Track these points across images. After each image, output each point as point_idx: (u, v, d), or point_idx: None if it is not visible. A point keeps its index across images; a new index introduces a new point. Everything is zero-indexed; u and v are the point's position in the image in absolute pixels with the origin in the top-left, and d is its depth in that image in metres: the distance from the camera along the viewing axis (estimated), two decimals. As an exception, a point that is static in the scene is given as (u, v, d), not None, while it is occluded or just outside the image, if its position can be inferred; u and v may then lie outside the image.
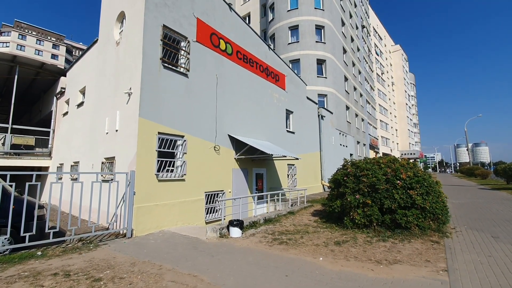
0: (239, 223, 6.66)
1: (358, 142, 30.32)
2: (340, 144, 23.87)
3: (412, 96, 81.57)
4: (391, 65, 66.63)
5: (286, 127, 15.27)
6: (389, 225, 6.52)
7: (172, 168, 8.16)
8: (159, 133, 7.68)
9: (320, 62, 23.39)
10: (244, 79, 11.72)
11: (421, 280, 3.90)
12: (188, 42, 8.99)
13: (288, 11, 23.74)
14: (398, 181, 6.58)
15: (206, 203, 9.04)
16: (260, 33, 28.87)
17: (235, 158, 10.58)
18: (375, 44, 52.72)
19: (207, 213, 9.08)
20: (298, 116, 16.62)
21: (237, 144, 10.64)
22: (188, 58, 8.92)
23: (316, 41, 23.18)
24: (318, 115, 20.05)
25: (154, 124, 7.57)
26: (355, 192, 6.99)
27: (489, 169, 45.04)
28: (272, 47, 23.78)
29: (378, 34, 57.97)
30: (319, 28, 23.64)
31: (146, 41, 7.60)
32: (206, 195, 9.05)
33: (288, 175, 15.00)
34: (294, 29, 23.56)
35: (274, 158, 12.98)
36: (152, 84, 7.66)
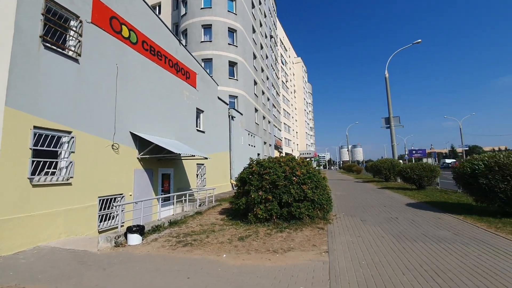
0: (139, 229, 6.13)
1: (265, 143, 32.63)
2: (249, 144, 25.14)
3: (310, 103, 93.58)
4: (293, 74, 74.56)
5: (197, 126, 15.01)
6: (286, 217, 7.28)
7: (55, 170, 6.81)
8: (35, 127, 6.26)
9: (232, 64, 24.03)
10: (151, 73, 10.88)
11: (308, 263, 4.52)
12: (81, 22, 7.69)
13: (202, 8, 23.42)
14: (294, 178, 7.44)
15: (100, 210, 7.94)
16: (171, 26, 27.38)
17: (138, 158, 9.69)
18: (281, 54, 57.92)
19: (101, 221, 7.98)
20: (209, 115, 16.58)
21: (141, 143, 9.78)
22: (80, 41, 7.62)
23: (229, 43, 23.71)
24: (229, 116, 20.55)
25: (28, 116, 6.12)
26: (259, 189, 7.51)
27: (362, 166, 56.23)
28: (184, 43, 22.98)
29: (284, 46, 63.96)
30: (232, 31, 24.25)
31: (20, 12, 6.08)
32: (100, 200, 7.94)
33: (197, 175, 14.78)
34: (207, 28, 23.40)
35: (182, 158, 12.55)
36: (28, 67, 6.19)
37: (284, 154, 38.68)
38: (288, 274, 4.09)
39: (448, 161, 60.31)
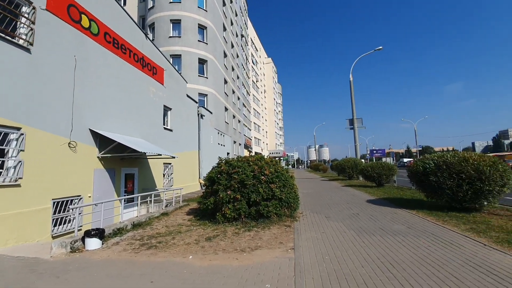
0: (98, 233, 5.78)
1: (235, 142, 32.56)
2: (218, 143, 24.91)
3: (279, 103, 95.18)
4: (264, 74, 75.33)
5: (164, 124, 14.51)
6: (254, 216, 7.35)
7: (1, 171, 6.15)
8: (-24, 122, 5.60)
9: (202, 61, 23.61)
10: (114, 67, 10.28)
11: (275, 260, 4.61)
12: (34, 8, 7.03)
13: (170, 2, 22.65)
14: (263, 177, 7.52)
15: (55, 213, 7.34)
16: (137, 19, 26.15)
17: (98, 157, 9.11)
18: (251, 53, 58.14)
19: (56, 225, 7.38)
20: (177, 113, 16.11)
21: (102, 141, 9.21)
22: (32, 29, 6.96)
23: (199, 40, 23.24)
24: (198, 114, 20.17)
25: (-33, 110, 5.46)
26: (227, 188, 7.48)
27: (328, 165, 58.63)
28: (151, 37, 22.06)
29: (255, 45, 64.31)
30: (202, 28, 23.78)
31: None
32: (54, 202, 7.33)
33: (164, 175, 14.29)
34: (176, 23, 22.70)
35: (148, 157, 12.05)
36: (-35, 54, 5.51)
37: (253, 153, 38.99)
38: (255, 273, 4.13)
39: (405, 160, 65.11)
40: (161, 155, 11.09)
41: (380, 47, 22.95)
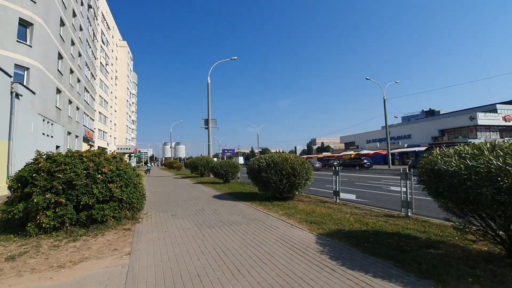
0: None
1: (70, 133, 26.59)
2: (44, 134, 19.50)
3: (134, 94, 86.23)
4: (116, 58, 65.95)
5: None
6: (84, 223, 6.22)
7: None
8: None
9: (25, 24, 17.82)
10: None
11: (104, 271, 4.08)
12: None
13: None
14: (100, 176, 6.50)
15: None
16: None
17: None
18: (102, 31, 49.48)
19: None
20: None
21: None
22: None
23: (19, -7, 17.29)
24: (12, 92, 14.96)
25: None
26: (47, 191, 5.94)
27: (182, 162, 58.84)
28: None
29: (107, 23, 55.14)
30: (24, -22, 17.84)
31: None
32: None
33: None
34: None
35: None
36: None
37: (96, 148, 33.19)
38: (74, 289, 3.49)
39: (252, 159, 75.38)
40: None
41: (235, 57, 25.48)
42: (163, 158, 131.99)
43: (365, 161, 37.40)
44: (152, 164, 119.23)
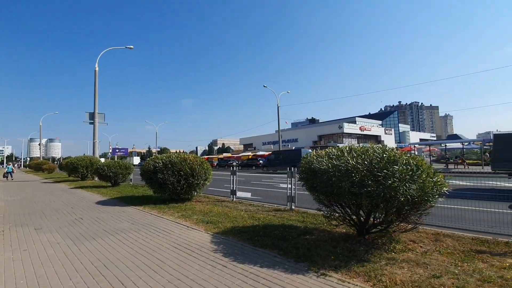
0: None
1: None
2: None
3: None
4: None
5: None
6: None
7: None
8: None
9: None
10: None
11: None
12: None
13: None
14: None
15: None
16: None
17: None
18: None
19: None
20: None
21: None
22: None
23: None
24: None
25: None
26: None
27: (56, 163, 48.44)
28: None
29: None
30: None
31: None
32: None
33: None
34: None
35: None
36: None
37: None
38: None
39: (148, 159, 69.28)
40: None
41: (131, 46, 22.94)
42: (28, 158, 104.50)
43: (261, 161, 40.66)
44: (14, 165, 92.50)
